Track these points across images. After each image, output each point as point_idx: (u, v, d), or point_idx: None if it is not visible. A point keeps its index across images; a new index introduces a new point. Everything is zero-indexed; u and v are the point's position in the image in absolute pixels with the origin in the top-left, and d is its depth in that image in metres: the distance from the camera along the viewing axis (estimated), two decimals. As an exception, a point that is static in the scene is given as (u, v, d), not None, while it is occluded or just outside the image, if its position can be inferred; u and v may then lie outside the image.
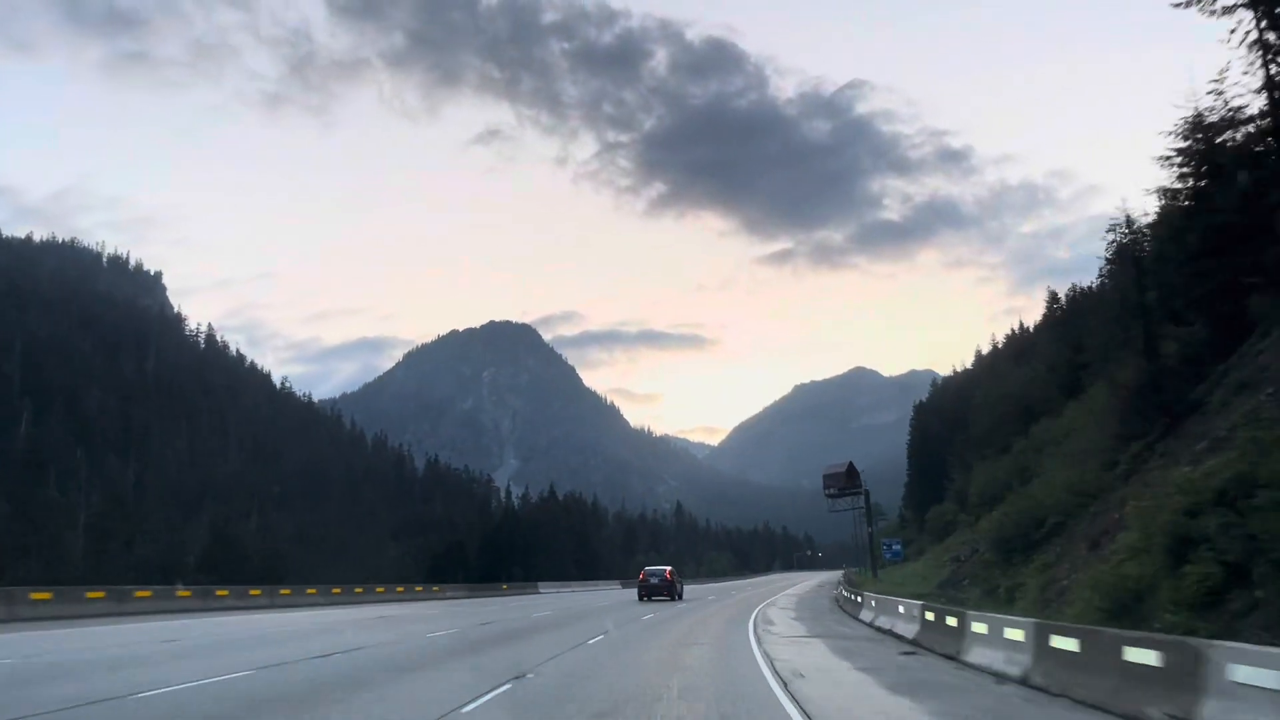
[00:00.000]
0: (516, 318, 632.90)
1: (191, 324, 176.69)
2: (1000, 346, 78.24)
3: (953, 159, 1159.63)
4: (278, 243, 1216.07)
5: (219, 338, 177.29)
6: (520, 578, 68.74)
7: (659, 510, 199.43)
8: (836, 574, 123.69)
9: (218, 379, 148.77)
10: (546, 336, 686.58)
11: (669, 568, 47.18)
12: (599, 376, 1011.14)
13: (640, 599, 41.95)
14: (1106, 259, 32.16)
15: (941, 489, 69.06)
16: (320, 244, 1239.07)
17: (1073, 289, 60.41)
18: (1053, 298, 64.77)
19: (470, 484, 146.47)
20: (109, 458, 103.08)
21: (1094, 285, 58.94)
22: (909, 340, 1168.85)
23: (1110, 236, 29.34)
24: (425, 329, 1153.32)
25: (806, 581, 79.65)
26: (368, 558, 72.79)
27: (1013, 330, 76.49)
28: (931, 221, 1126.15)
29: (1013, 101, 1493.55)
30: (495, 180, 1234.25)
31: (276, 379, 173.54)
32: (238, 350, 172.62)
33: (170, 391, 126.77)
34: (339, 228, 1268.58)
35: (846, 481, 70.03)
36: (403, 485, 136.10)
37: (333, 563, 68.15)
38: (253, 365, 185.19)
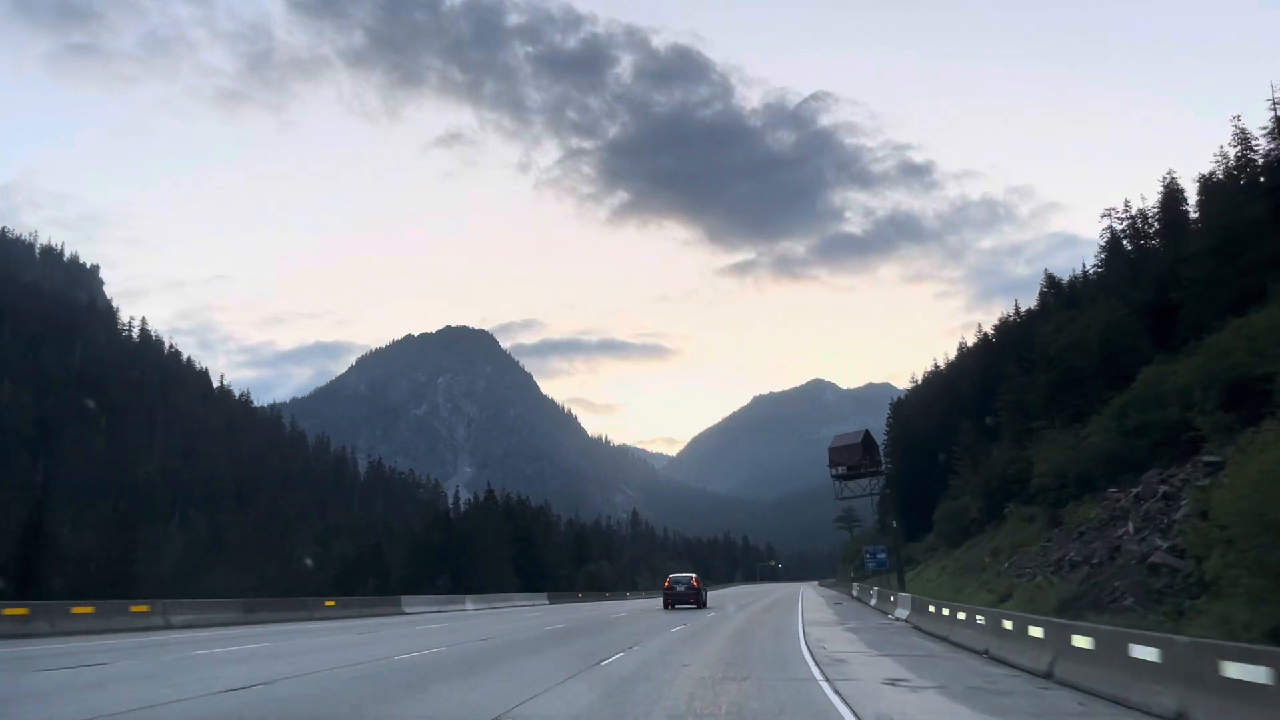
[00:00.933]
0: (475, 324, 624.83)
1: (126, 317, 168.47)
2: (991, 334, 71.98)
3: (915, 173, 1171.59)
4: (232, 244, 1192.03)
5: (153, 333, 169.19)
6: (448, 588, 62.59)
7: (614, 519, 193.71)
8: (806, 586, 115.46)
9: (150, 375, 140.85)
10: (506, 344, 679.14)
11: (694, 575, 45.40)
12: (558, 386, 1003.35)
13: (665, 607, 41.11)
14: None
15: (936, 488, 62.26)
16: (276, 246, 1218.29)
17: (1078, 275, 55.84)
18: (1050, 280, 62.97)
19: (415, 487, 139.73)
20: (19, 453, 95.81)
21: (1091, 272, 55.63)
22: (868, 353, 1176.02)
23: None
24: (382, 334, 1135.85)
25: (780, 592, 74.03)
26: (272, 564, 66.20)
27: (1006, 316, 71.41)
28: (892, 235, 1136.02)
29: (975, 118, 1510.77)
30: (456, 185, 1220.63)
31: (229, 382, 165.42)
32: (172, 345, 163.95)
33: (94, 386, 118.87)
34: (295, 230, 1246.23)
35: (863, 456, 51.56)
36: (342, 488, 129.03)
37: (211, 571, 61.46)
38: (190, 362, 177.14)
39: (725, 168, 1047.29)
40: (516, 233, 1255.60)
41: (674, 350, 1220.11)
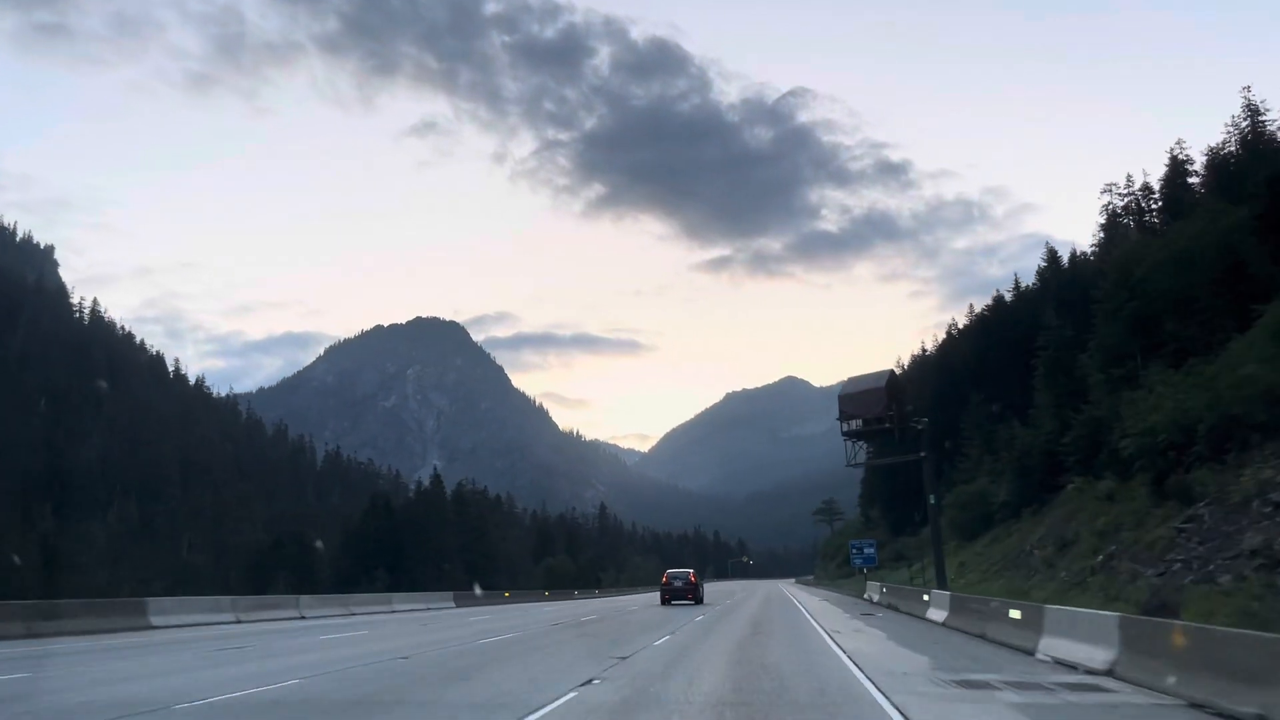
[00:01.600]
0: (447, 316, 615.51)
1: (79, 299, 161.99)
2: (986, 312, 67.27)
3: (891, 172, 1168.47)
4: (201, 231, 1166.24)
5: (107, 316, 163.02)
6: (383, 584, 58.19)
7: (582, 513, 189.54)
8: (784, 584, 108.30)
9: (99, 359, 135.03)
10: (479, 337, 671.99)
11: (691, 571, 46.62)
12: (531, 380, 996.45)
13: (663, 602, 42.46)
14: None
15: (944, 474, 57.05)
16: (246, 234, 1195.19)
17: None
18: (1051, 256, 60.16)
19: (375, 478, 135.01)
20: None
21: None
22: (841, 351, 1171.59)
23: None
24: (354, 325, 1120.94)
25: (763, 592, 69.64)
26: (174, 556, 62.14)
27: (999, 295, 67.53)
28: (868, 234, 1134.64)
29: (953, 117, 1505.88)
30: (430, 175, 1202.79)
31: (190, 369, 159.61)
32: (124, 328, 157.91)
33: (36, 368, 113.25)
34: (266, 218, 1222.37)
35: (886, 405, 33.86)
36: (298, 478, 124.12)
37: (120, 563, 56.80)
38: (143, 345, 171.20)
39: (702, 163, 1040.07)
40: (491, 224, 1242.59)
41: (648, 346, 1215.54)
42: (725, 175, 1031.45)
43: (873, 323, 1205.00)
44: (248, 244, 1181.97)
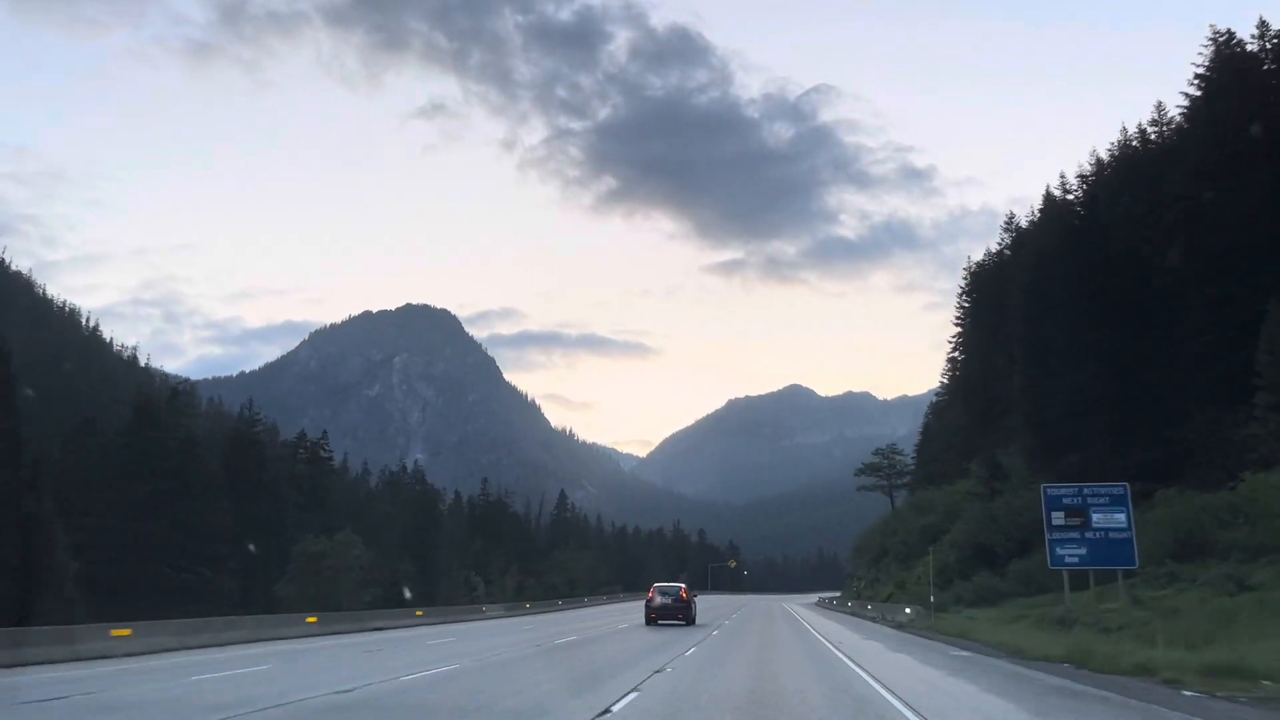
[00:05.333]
0: (452, 309, 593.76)
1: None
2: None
3: (915, 178, 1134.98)
4: (201, 210, 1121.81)
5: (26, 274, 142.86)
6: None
7: (563, 508, 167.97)
8: (793, 604, 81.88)
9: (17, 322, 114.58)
10: (482, 333, 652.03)
11: (683, 586, 41.49)
12: (535, 380, 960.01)
13: (649, 622, 37.58)
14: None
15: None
16: (246, 218, 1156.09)
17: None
18: None
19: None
20: None
21: None
22: (849, 361, 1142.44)
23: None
24: (350, 314, 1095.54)
25: (764, 624, 46.29)
26: None
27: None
28: (887, 242, 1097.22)
29: (983, 122, 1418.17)
30: (437, 159, 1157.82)
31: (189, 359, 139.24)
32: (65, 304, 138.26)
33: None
34: (266, 200, 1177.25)
35: None
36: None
37: None
38: (73, 313, 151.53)
39: (718, 159, 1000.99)
40: (498, 215, 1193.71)
41: (655, 349, 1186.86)
42: (741, 173, 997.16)
43: (886, 334, 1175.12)
44: (247, 228, 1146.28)
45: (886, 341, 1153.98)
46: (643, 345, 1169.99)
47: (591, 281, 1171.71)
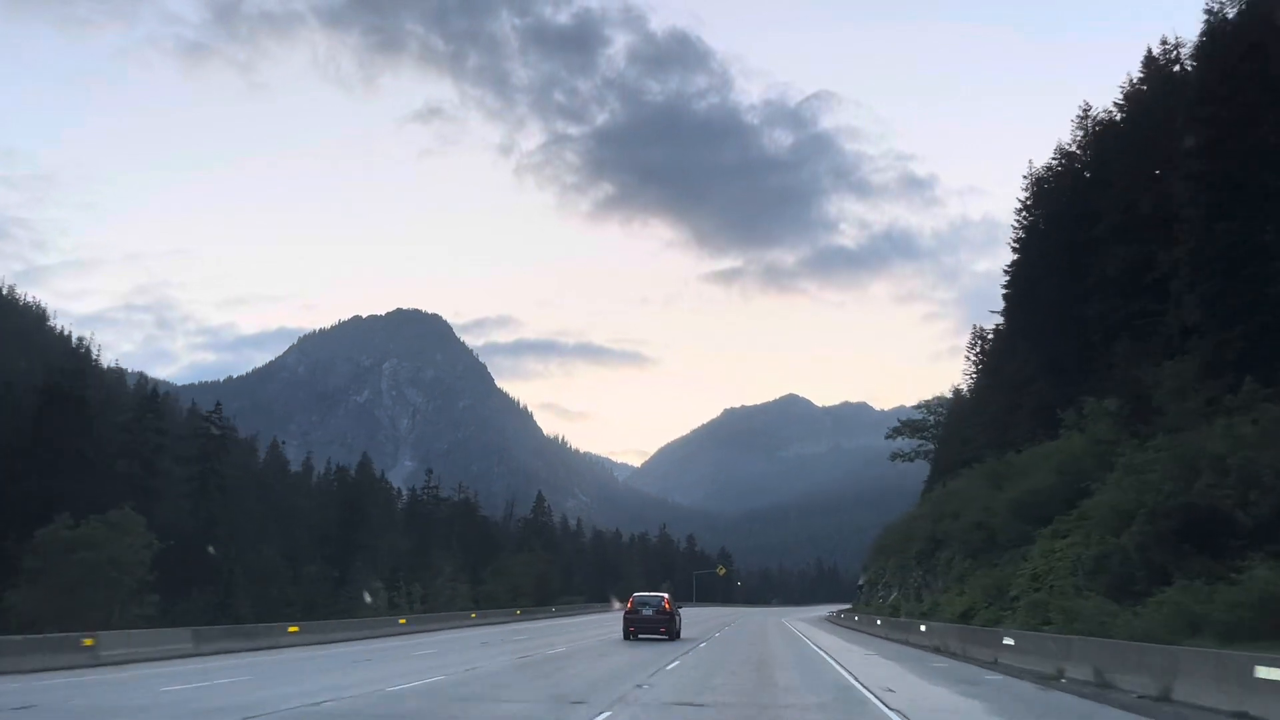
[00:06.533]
0: (451, 317, 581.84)
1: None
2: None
3: (916, 187, 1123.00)
4: (194, 215, 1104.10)
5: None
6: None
7: (540, 511, 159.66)
8: (795, 619, 71.94)
9: None
10: (478, 341, 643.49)
11: (665, 596, 38.09)
12: (532, 389, 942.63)
13: (627, 635, 34.95)
14: None
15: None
16: (241, 220, 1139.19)
17: None
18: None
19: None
20: None
21: None
22: (846, 371, 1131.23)
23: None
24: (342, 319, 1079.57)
25: (762, 645, 36.92)
26: None
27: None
28: (887, 251, 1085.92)
29: (984, 130, 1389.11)
30: (433, 163, 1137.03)
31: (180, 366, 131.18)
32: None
33: None
34: (263, 203, 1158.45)
35: None
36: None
37: None
38: (40, 313, 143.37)
39: (717, 166, 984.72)
40: (494, 221, 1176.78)
41: (653, 359, 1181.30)
42: (740, 181, 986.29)
43: (883, 344, 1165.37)
44: (242, 233, 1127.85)
45: (885, 352, 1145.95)
46: (640, 354, 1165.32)
47: (589, 289, 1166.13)
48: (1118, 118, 43.18)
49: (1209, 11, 30.96)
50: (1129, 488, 24.77)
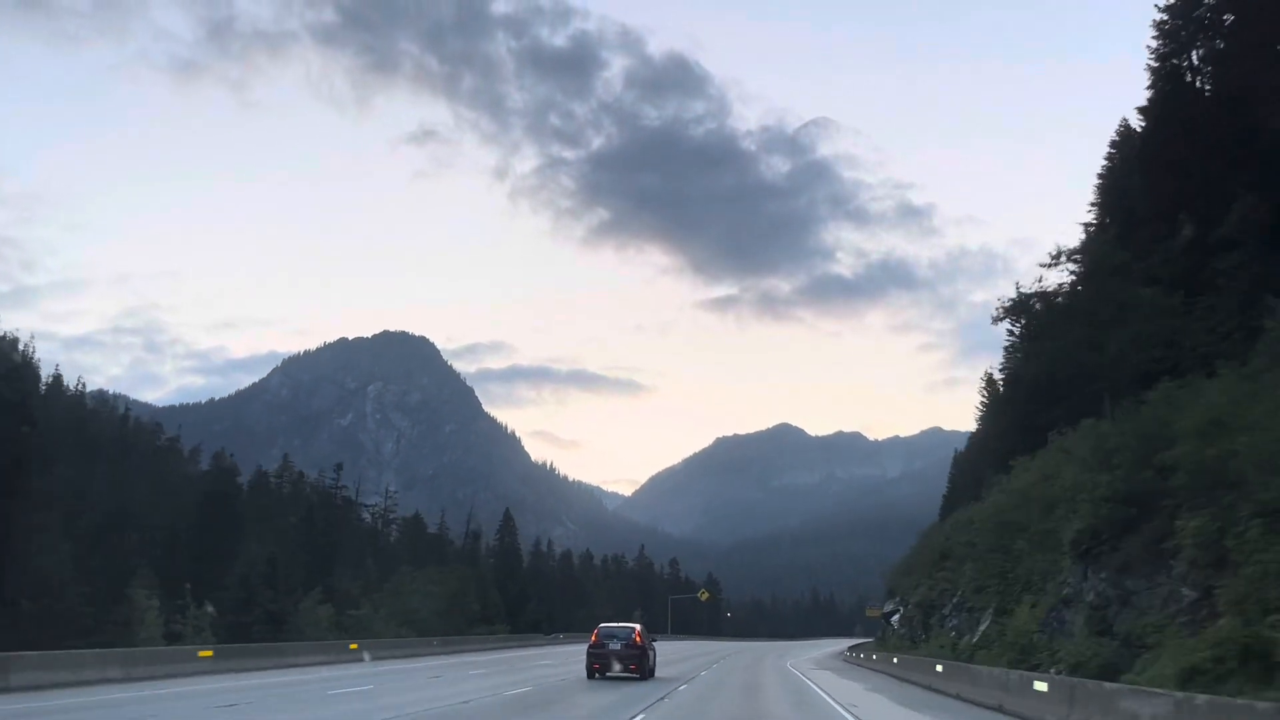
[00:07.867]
0: (442, 343, 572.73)
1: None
2: None
3: (913, 216, 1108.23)
4: (185, 235, 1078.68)
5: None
6: None
7: (507, 531, 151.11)
8: (808, 656, 62.82)
9: None
10: (470, 367, 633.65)
11: (636, 627, 32.53)
12: (524, 416, 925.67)
13: (591, 674, 30.29)
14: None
15: None
16: (232, 241, 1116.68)
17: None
18: None
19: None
20: None
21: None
22: (840, 401, 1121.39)
23: None
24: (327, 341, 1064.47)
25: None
26: None
27: None
28: (883, 280, 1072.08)
29: (984, 160, 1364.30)
30: (426, 186, 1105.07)
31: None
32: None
33: None
34: (254, 223, 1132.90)
35: None
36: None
37: None
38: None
39: (713, 192, 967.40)
40: (488, 246, 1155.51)
41: (647, 387, 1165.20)
42: (736, 208, 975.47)
43: (879, 374, 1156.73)
44: (233, 254, 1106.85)
45: (880, 382, 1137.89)
46: (634, 382, 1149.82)
47: (583, 315, 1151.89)
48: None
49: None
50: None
